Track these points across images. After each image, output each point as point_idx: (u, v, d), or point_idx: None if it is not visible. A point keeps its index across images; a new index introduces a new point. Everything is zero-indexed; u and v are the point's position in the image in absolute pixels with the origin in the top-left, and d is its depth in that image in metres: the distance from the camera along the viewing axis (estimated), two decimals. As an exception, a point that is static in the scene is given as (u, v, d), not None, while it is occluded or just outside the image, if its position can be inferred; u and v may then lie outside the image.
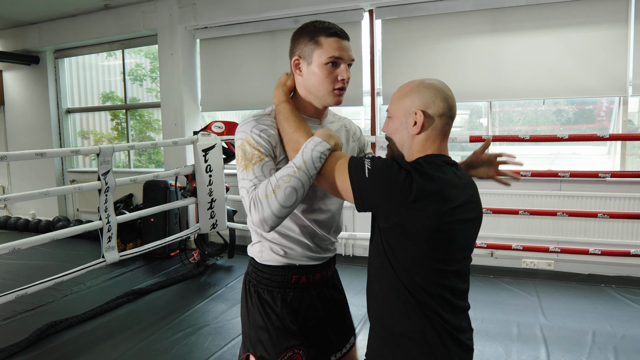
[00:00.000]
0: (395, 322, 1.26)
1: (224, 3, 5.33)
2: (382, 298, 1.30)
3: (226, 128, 4.82)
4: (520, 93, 4.51)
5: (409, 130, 1.30)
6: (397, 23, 4.83)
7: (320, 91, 1.43)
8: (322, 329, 1.61)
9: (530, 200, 4.43)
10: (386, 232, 1.25)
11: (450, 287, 1.25)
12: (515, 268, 4.53)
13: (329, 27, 1.40)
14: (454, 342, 1.25)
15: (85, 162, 7.26)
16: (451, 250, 1.25)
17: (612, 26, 4.17)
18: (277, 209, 1.25)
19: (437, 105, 1.28)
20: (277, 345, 1.48)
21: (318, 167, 1.28)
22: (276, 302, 1.51)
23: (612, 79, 4.19)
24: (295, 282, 1.53)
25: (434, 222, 1.19)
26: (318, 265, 1.57)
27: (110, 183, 3.68)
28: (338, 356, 1.68)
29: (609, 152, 4.56)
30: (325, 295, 1.63)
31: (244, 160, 1.37)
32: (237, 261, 5.11)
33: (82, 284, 4.41)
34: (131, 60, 6.75)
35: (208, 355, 3.08)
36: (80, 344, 3.29)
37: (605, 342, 3.09)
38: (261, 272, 1.54)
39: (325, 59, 1.39)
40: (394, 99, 1.35)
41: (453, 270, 1.26)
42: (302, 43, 1.43)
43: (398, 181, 1.18)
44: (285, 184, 1.25)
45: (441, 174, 1.22)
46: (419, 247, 1.21)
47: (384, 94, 4.95)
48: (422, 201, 1.17)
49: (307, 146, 1.29)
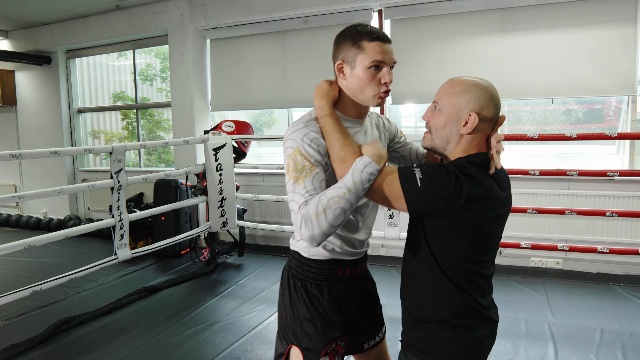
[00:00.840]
0: (437, 309, 1.37)
1: (234, 3, 5.38)
2: (424, 288, 1.39)
3: (236, 127, 4.86)
4: (529, 92, 4.53)
5: (459, 129, 1.35)
6: (406, 23, 4.86)
7: (365, 94, 1.46)
8: (358, 319, 1.69)
9: (539, 199, 4.44)
10: (432, 232, 1.33)
11: (483, 274, 1.38)
12: (523, 267, 4.55)
13: (371, 32, 1.43)
14: (485, 320, 1.40)
15: (96, 162, 7.34)
16: (488, 242, 1.36)
17: (620, 26, 4.18)
18: (327, 228, 1.29)
19: (490, 109, 1.34)
20: (322, 336, 1.54)
21: (366, 187, 1.31)
22: (323, 295, 1.58)
23: (620, 79, 4.20)
24: (341, 275, 1.60)
25: (479, 221, 1.29)
26: (358, 259, 1.65)
27: (122, 181, 3.73)
28: (371, 344, 1.77)
29: (618, 151, 4.56)
30: (362, 287, 1.71)
31: (295, 172, 1.38)
32: (247, 259, 5.16)
33: (93, 282, 4.48)
34: (141, 60, 6.83)
35: (219, 351, 3.12)
36: (93, 339, 3.35)
37: (613, 340, 3.10)
38: (308, 266, 1.59)
39: (369, 63, 1.41)
40: (445, 93, 1.38)
41: (487, 259, 1.38)
42: (345, 47, 1.45)
43: (449, 187, 1.25)
44: (336, 205, 1.28)
45: (485, 177, 1.31)
46: (463, 243, 1.31)
47: (393, 93, 4.97)
48: (470, 204, 1.26)
49: (357, 166, 1.31)
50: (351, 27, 1.46)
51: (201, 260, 5.09)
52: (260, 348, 3.15)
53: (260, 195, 5.01)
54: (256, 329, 3.44)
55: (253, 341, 3.25)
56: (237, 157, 4.93)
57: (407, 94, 4.89)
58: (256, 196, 4.96)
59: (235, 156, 4.84)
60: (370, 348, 1.77)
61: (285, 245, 5.59)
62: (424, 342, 1.39)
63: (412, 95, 4.88)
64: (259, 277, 4.60)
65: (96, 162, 7.35)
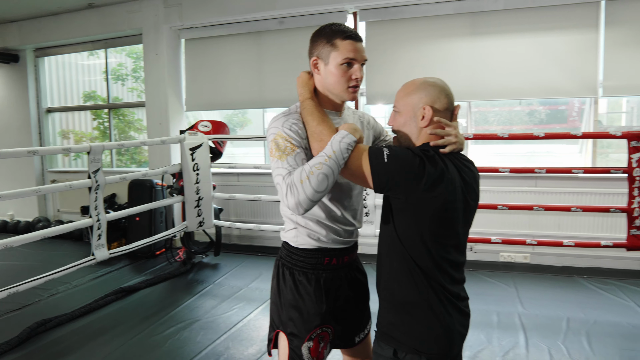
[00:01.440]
0: (405, 293, 1.43)
1: (210, 4, 5.39)
2: (394, 273, 1.45)
3: (213, 127, 4.88)
4: (498, 93, 4.71)
5: (418, 124, 1.47)
6: (381, 25, 4.97)
7: (337, 88, 1.56)
8: (348, 308, 1.75)
9: (508, 196, 4.63)
10: (397, 213, 1.41)
11: (450, 260, 1.43)
12: (493, 262, 4.72)
13: (344, 31, 1.53)
14: (454, 309, 1.44)
15: (65, 162, 7.20)
16: (453, 226, 1.42)
17: (583, 31, 4.39)
18: (311, 193, 1.38)
19: (442, 101, 1.46)
20: (307, 322, 1.62)
21: (345, 157, 1.41)
22: (310, 283, 1.65)
23: (583, 81, 4.42)
24: (327, 264, 1.67)
25: (441, 202, 1.36)
26: (346, 248, 1.71)
27: (100, 181, 3.71)
28: (361, 337, 1.83)
29: (581, 150, 4.78)
30: (352, 277, 1.77)
31: (277, 151, 1.49)
32: (223, 259, 5.17)
33: (68, 283, 4.41)
34: (113, 59, 6.74)
35: (201, 348, 3.15)
36: (72, 341, 3.32)
37: (578, 328, 3.28)
38: (296, 255, 1.67)
39: (341, 60, 1.52)
40: (400, 96, 1.51)
41: (454, 244, 1.44)
42: (320, 45, 1.55)
43: (413, 165, 1.34)
44: (318, 171, 1.38)
45: (446, 161, 1.40)
46: (427, 225, 1.38)
47: (367, 94, 5.08)
48: (431, 184, 1.34)
49: (336, 138, 1.42)
50: (326, 26, 1.57)
51: (177, 260, 5.07)
52: (242, 344, 3.19)
53: (236, 194, 5.03)
54: (237, 326, 3.48)
55: (234, 338, 3.28)
56: (213, 157, 4.94)
57: (381, 95, 5.01)
58: (233, 195, 4.98)
59: (212, 156, 4.85)
60: (360, 341, 1.84)
61: (260, 244, 5.63)
62: (394, 329, 1.45)
63: (385, 95, 5.00)
64: (236, 276, 4.62)
65: (65, 163, 7.21)
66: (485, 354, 2.97)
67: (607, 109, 4.94)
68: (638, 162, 3.51)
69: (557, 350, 2.97)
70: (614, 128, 4.80)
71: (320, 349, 1.64)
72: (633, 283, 4.09)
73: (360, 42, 1.55)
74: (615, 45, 4.33)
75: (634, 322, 3.35)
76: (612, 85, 4.36)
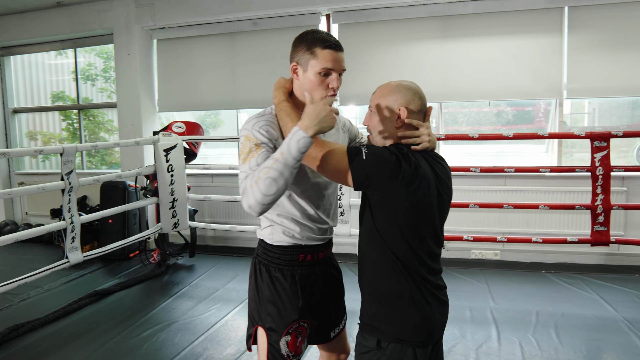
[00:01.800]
0: (387, 285, 1.50)
1: (182, 4, 5.36)
2: (375, 267, 1.52)
3: (187, 128, 4.86)
4: (468, 95, 4.83)
5: (393, 124, 1.55)
6: (353, 27, 5.04)
7: (313, 95, 1.58)
8: (324, 304, 1.80)
9: (479, 195, 4.76)
10: (376, 209, 1.47)
11: (428, 252, 1.51)
12: (465, 259, 4.85)
13: (325, 40, 1.56)
14: (434, 298, 1.52)
15: (33, 164, 7.03)
16: (430, 219, 1.50)
17: (548, 35, 4.56)
18: (260, 197, 1.40)
19: (416, 102, 1.55)
20: (284, 317, 1.66)
21: (296, 154, 1.41)
22: (286, 279, 1.69)
23: (549, 83, 4.58)
24: (302, 261, 1.71)
25: (417, 196, 1.43)
26: (320, 245, 1.76)
27: (73, 183, 3.66)
28: (336, 332, 1.89)
29: (547, 150, 4.96)
30: (327, 273, 1.82)
31: (243, 154, 1.53)
32: (198, 260, 5.15)
33: (39, 288, 4.31)
34: (82, 59, 6.61)
35: (179, 349, 3.14)
36: (46, 346, 3.26)
37: (547, 321, 3.42)
38: (272, 252, 1.71)
39: (319, 69, 1.55)
40: (376, 98, 1.59)
41: (431, 236, 1.51)
42: (300, 51, 1.58)
43: (390, 162, 1.42)
44: (265, 175, 1.40)
45: (419, 158, 1.49)
46: (405, 218, 1.45)
47: (340, 96, 5.14)
48: (408, 179, 1.41)
49: (287, 137, 1.44)
50: (308, 33, 1.60)
51: (151, 262, 5.03)
52: (220, 345, 3.20)
53: (211, 195, 5.02)
54: (214, 327, 3.48)
55: (212, 339, 3.29)
56: (188, 158, 4.92)
57: (354, 96, 5.08)
58: (208, 196, 4.97)
59: (186, 157, 4.83)
60: (335, 336, 1.89)
61: (235, 245, 5.63)
62: (377, 320, 1.51)
63: (358, 97, 5.07)
64: (212, 277, 4.61)
65: (33, 165, 7.04)
66: (460, 348, 3.06)
67: (571, 110, 5.12)
68: (600, 161, 3.67)
69: (527, 343, 3.09)
70: (578, 128, 4.99)
71: (298, 343, 1.68)
72: (597, 277, 4.27)
73: (340, 52, 1.58)
74: (578, 49, 4.51)
75: (599, 314, 3.51)
76: (575, 88, 4.54)
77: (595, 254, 4.59)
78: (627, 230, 4.53)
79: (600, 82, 4.48)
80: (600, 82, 4.48)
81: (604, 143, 3.66)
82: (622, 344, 3.05)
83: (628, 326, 3.28)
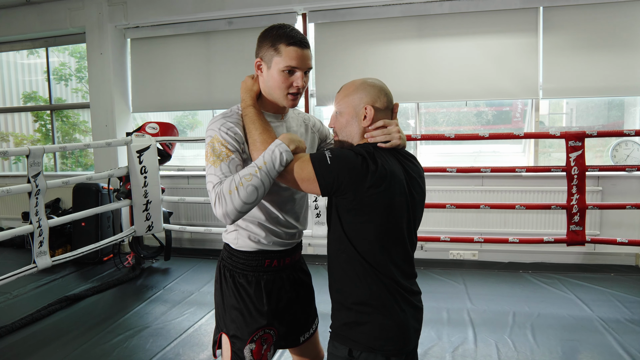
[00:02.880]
0: (357, 292, 1.43)
1: (156, 2, 5.26)
2: (344, 273, 1.46)
3: (161, 129, 4.76)
4: (445, 95, 4.82)
5: (360, 123, 1.49)
6: (330, 27, 5.00)
7: (277, 93, 1.54)
8: (292, 309, 1.74)
9: (456, 195, 4.75)
10: (345, 213, 1.41)
11: (401, 254, 1.45)
12: (443, 259, 4.83)
13: (290, 36, 1.49)
14: (407, 304, 1.45)
15: (5, 166, 6.86)
16: (401, 220, 1.43)
17: (524, 35, 4.57)
18: (239, 204, 1.36)
19: (382, 100, 1.50)
20: (249, 324, 1.60)
21: (278, 166, 1.39)
22: (250, 285, 1.63)
23: (525, 83, 4.59)
24: (268, 266, 1.65)
25: (386, 197, 1.37)
26: (288, 250, 1.70)
27: (41, 185, 3.54)
28: (306, 336, 1.83)
29: (524, 150, 4.97)
30: (294, 278, 1.76)
31: (212, 156, 1.46)
32: (173, 263, 5.06)
33: (7, 294, 4.18)
34: (55, 59, 6.46)
35: (150, 356, 3.05)
36: (12, 354, 3.15)
37: (524, 321, 3.40)
38: (236, 257, 1.65)
39: (283, 67, 1.49)
40: (340, 97, 1.53)
41: (403, 238, 1.45)
42: (265, 47, 1.52)
43: (356, 164, 1.36)
44: (248, 182, 1.36)
45: (387, 157, 1.43)
46: (374, 221, 1.39)
47: (317, 96, 5.10)
48: (375, 180, 1.35)
49: (270, 148, 1.41)
50: (273, 28, 1.53)
51: (125, 266, 4.92)
52: (192, 350, 3.12)
53: (186, 197, 4.93)
54: (187, 331, 3.40)
55: (185, 344, 3.21)
56: (162, 160, 4.82)
57: (331, 96, 5.03)
58: (182, 198, 4.88)
59: (160, 158, 4.73)
60: (305, 340, 1.84)
61: (212, 248, 5.54)
62: (347, 329, 1.45)
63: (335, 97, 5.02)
64: (187, 280, 4.53)
65: (4, 167, 6.86)
66: (436, 350, 3.03)
67: (549, 110, 5.15)
68: (575, 160, 3.68)
69: (503, 344, 3.07)
70: (555, 128, 5.02)
71: (263, 351, 1.63)
72: (573, 276, 4.29)
73: (306, 49, 1.51)
74: (553, 49, 4.53)
75: (575, 313, 3.51)
76: (551, 88, 4.56)
77: (572, 254, 4.61)
78: (602, 230, 4.56)
79: (575, 82, 4.50)
80: (575, 82, 4.50)
81: (579, 143, 3.67)
82: (597, 343, 3.05)
83: (603, 326, 3.28)
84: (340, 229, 1.42)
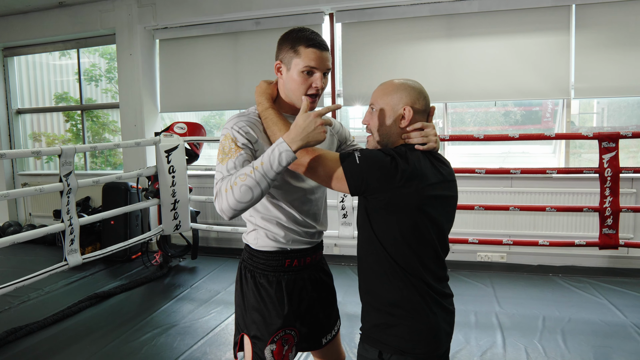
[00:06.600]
0: (387, 294, 1.42)
1: (184, 4, 5.33)
2: (373, 274, 1.45)
3: (189, 129, 4.82)
4: (473, 95, 4.75)
5: (397, 123, 1.48)
6: (357, 26, 4.98)
7: (296, 95, 1.56)
8: (313, 310, 1.73)
9: (484, 197, 4.68)
10: (374, 213, 1.40)
11: (432, 256, 1.43)
12: (471, 261, 4.77)
13: (309, 38, 1.51)
14: (439, 307, 1.44)
15: (37, 165, 7.03)
16: (434, 221, 1.41)
17: (556, 33, 4.47)
18: (233, 203, 1.38)
19: (421, 102, 1.48)
20: (270, 325, 1.61)
21: (276, 167, 1.37)
22: (271, 285, 1.63)
23: (556, 83, 4.49)
24: (289, 266, 1.66)
25: (417, 198, 1.36)
26: (308, 249, 1.70)
27: (72, 185, 3.62)
28: (328, 338, 1.82)
29: (554, 150, 4.87)
30: (316, 278, 1.76)
31: (221, 154, 1.49)
32: (200, 262, 5.11)
33: (40, 290, 4.29)
34: (86, 60, 6.60)
35: (178, 354, 3.09)
36: (44, 349, 3.22)
37: (554, 326, 3.33)
38: (257, 257, 1.65)
39: (302, 68, 1.51)
40: (379, 95, 1.51)
41: (435, 239, 1.43)
42: (284, 50, 1.55)
43: (385, 164, 1.35)
44: (241, 182, 1.37)
45: (420, 158, 1.42)
46: (404, 222, 1.37)
47: (344, 95, 5.09)
48: (406, 180, 1.34)
49: (271, 147, 1.39)
50: (293, 31, 1.56)
51: (153, 264, 5.00)
52: (219, 349, 3.15)
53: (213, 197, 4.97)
54: (214, 330, 3.43)
55: (212, 343, 3.24)
56: (190, 159, 4.88)
57: (358, 96, 5.02)
58: (210, 198, 4.93)
59: (188, 158, 4.79)
60: (327, 343, 1.83)
61: (238, 247, 5.58)
62: (377, 331, 1.43)
63: (362, 97, 5.01)
64: (213, 279, 4.57)
65: (37, 166, 7.03)
66: (463, 354, 2.99)
67: (579, 110, 5.03)
68: (609, 162, 3.59)
69: (533, 349, 3.01)
70: (586, 129, 4.90)
71: (284, 352, 1.63)
72: (606, 281, 4.18)
73: (325, 51, 1.53)
74: (586, 48, 4.42)
75: (607, 319, 3.42)
76: (583, 87, 4.45)
77: (604, 257, 4.49)
78: (636, 233, 4.43)
79: (609, 82, 4.39)
80: (609, 81, 4.39)
81: (613, 144, 3.58)
82: (631, 350, 2.96)
83: (638, 332, 3.19)
84: (370, 229, 1.42)
